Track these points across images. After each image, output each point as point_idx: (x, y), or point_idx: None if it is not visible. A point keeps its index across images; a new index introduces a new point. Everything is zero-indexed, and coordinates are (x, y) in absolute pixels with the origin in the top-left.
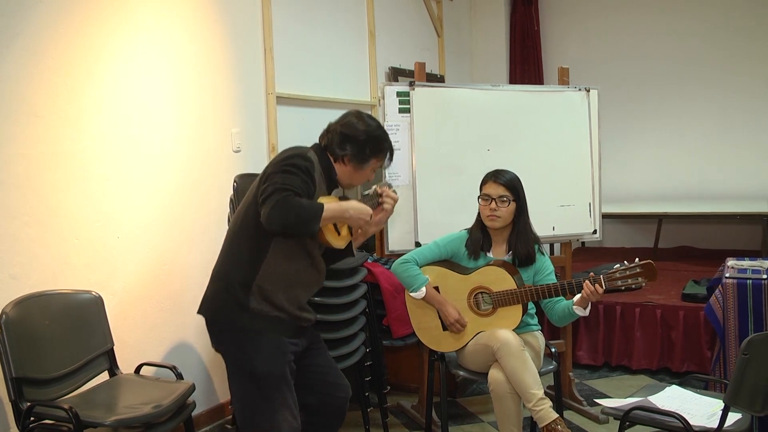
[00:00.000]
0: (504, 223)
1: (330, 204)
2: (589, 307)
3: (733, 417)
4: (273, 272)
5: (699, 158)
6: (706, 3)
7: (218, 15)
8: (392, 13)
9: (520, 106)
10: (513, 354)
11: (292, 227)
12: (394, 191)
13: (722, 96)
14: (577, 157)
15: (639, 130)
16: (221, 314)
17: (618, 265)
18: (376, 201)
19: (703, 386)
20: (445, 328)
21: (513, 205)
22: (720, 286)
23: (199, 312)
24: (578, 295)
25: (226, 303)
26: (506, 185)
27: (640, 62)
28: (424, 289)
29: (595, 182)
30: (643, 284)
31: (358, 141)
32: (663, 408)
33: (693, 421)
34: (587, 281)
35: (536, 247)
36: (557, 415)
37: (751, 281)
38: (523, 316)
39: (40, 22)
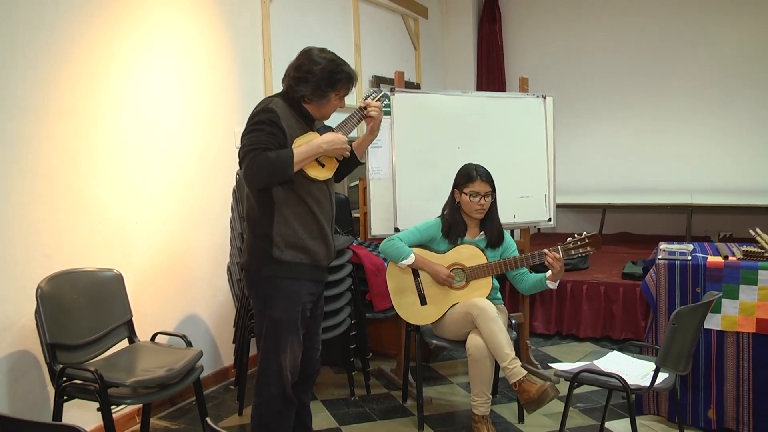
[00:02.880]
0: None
1: (300, 147)
2: (558, 282)
3: (662, 376)
4: (286, 218)
5: (637, 157)
6: (640, 25)
7: (224, 29)
8: (375, 29)
9: (486, 110)
10: (491, 318)
11: (269, 180)
12: (378, 97)
13: (656, 105)
14: (534, 155)
15: (587, 133)
16: (252, 264)
17: (570, 238)
18: (361, 115)
19: (639, 351)
20: (423, 303)
21: (492, 196)
22: (654, 267)
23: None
24: (550, 271)
25: (255, 254)
26: (490, 182)
27: (589, 74)
28: (412, 255)
29: (550, 176)
30: (591, 252)
31: (311, 81)
32: (606, 370)
33: (630, 381)
34: (547, 251)
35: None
36: (526, 372)
37: (678, 262)
38: (492, 288)
39: (66, 33)
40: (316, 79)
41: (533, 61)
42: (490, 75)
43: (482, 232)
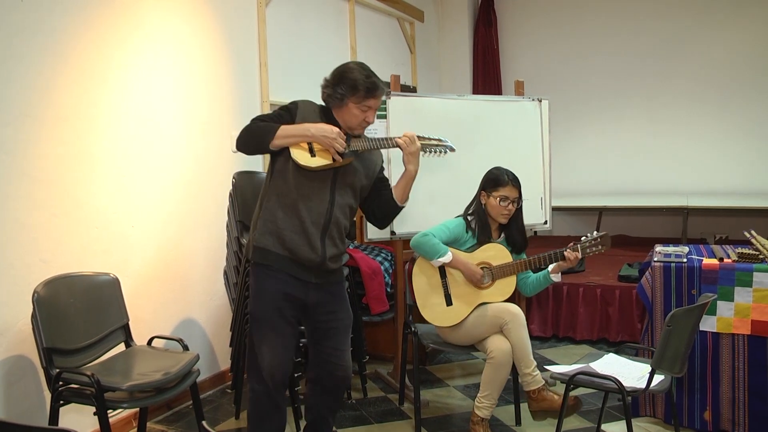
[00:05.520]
0: None
1: (290, 126)
2: (560, 274)
3: (657, 378)
4: (272, 205)
5: (633, 160)
6: (636, 28)
7: (220, 33)
8: (371, 33)
9: (481, 113)
10: (522, 325)
11: (248, 142)
12: (431, 145)
13: (652, 108)
14: (530, 158)
15: (583, 135)
16: (246, 255)
17: (584, 237)
18: (392, 143)
19: (635, 353)
20: (448, 304)
21: (519, 201)
22: (649, 269)
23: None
24: (552, 264)
25: (248, 243)
26: (518, 187)
27: (584, 77)
28: (450, 253)
29: (545, 179)
30: (603, 250)
31: (330, 83)
32: (602, 372)
33: (626, 383)
34: (568, 250)
35: None
36: (544, 381)
37: (674, 264)
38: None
39: (63, 38)
40: (338, 82)
41: (529, 64)
42: (486, 78)
43: (502, 235)
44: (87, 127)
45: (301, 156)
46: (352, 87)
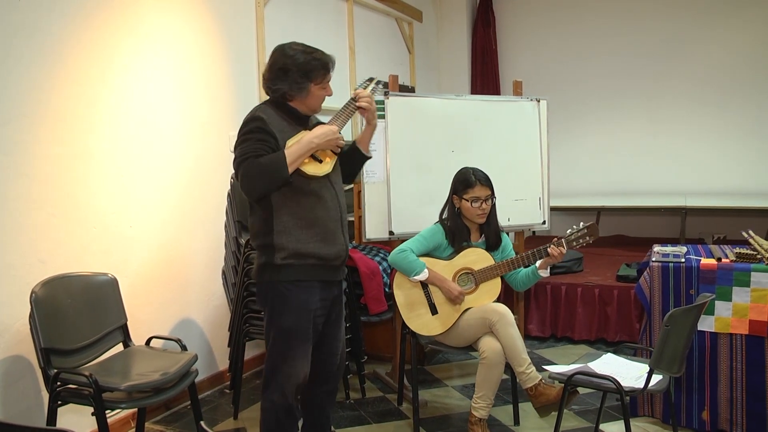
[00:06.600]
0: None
1: (292, 147)
2: (548, 269)
3: (656, 378)
4: (286, 225)
5: (631, 160)
6: (634, 28)
7: (219, 33)
8: (370, 33)
9: (480, 113)
10: (510, 324)
11: (266, 186)
12: (371, 86)
13: (650, 108)
14: (528, 158)
15: (581, 135)
16: (261, 276)
17: (569, 230)
18: (353, 107)
19: (633, 353)
20: (434, 313)
21: (492, 199)
22: (647, 269)
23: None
24: (540, 260)
25: (261, 266)
26: (489, 185)
27: (583, 77)
28: (426, 270)
29: (544, 179)
30: (590, 241)
31: (285, 77)
32: (600, 372)
33: (624, 383)
34: (552, 246)
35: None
36: (541, 377)
37: (672, 264)
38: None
39: (61, 38)
40: (291, 72)
41: (527, 64)
42: (485, 78)
43: (483, 236)
44: (85, 127)
45: (315, 169)
46: (308, 73)
